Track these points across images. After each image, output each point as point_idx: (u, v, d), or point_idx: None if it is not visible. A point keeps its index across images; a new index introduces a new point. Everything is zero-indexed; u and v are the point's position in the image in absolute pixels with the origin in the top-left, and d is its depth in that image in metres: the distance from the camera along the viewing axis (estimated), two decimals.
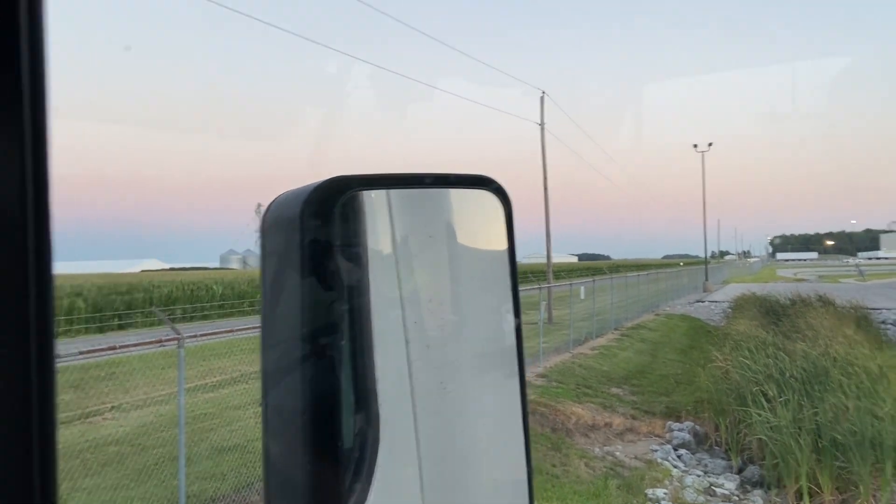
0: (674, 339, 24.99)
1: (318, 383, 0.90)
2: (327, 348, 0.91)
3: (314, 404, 0.89)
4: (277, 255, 0.95)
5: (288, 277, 0.93)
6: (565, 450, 10.72)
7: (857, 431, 9.65)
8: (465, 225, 1.20)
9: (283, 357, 0.92)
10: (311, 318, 0.90)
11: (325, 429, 0.89)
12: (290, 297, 0.92)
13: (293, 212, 0.92)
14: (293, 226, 0.91)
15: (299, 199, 0.92)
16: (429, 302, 1.22)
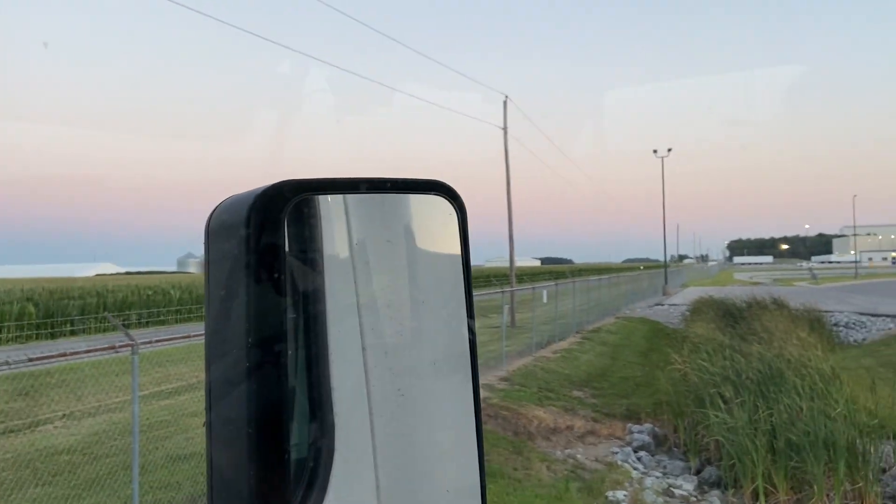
0: (634, 341, 25.33)
1: (265, 393, 0.86)
2: (275, 357, 0.88)
3: (261, 415, 0.85)
4: (222, 262, 0.91)
5: (233, 285, 0.89)
6: (527, 453, 10.76)
7: (810, 432, 9.88)
8: (422, 230, 1.18)
9: (228, 367, 0.88)
10: (257, 327, 0.86)
11: (272, 439, 0.86)
12: (235, 305, 0.88)
13: (238, 217, 0.89)
14: (238, 232, 0.88)
15: (244, 204, 0.89)
16: (386, 308, 1.19)
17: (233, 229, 0.89)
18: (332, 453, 1.05)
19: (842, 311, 33.96)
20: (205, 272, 0.93)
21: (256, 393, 0.85)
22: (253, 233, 0.87)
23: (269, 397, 0.86)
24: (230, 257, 0.89)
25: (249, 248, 0.87)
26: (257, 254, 0.87)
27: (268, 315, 0.87)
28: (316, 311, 1.07)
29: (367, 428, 1.10)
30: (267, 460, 0.85)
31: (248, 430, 0.84)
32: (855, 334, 28.53)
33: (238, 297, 0.87)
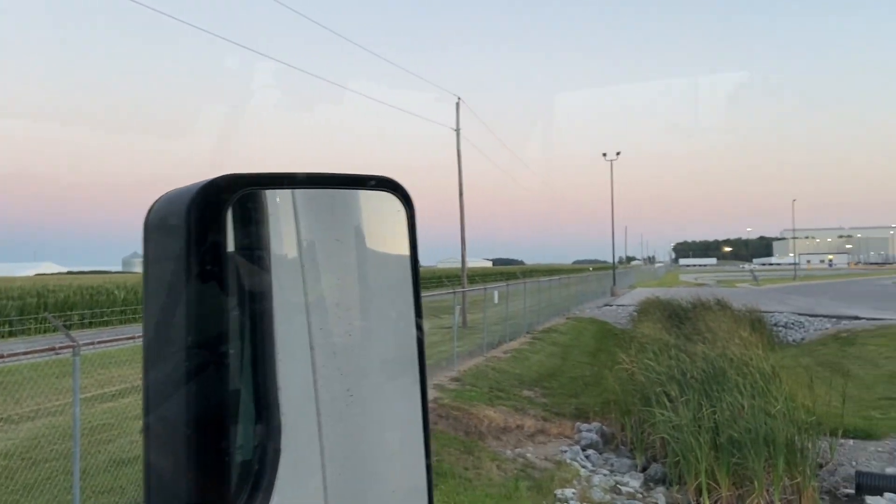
0: (583, 341, 25.70)
1: (206, 395, 0.84)
2: (217, 358, 0.86)
3: (201, 417, 0.83)
4: (161, 260, 0.88)
5: (173, 284, 0.86)
6: (478, 453, 10.81)
7: (751, 429, 10.18)
8: (371, 228, 1.18)
9: (167, 369, 0.86)
10: (198, 327, 0.84)
11: (213, 442, 0.84)
12: (174, 305, 0.86)
13: (178, 213, 0.86)
14: (178, 228, 0.85)
15: (185, 199, 0.86)
16: (336, 307, 1.18)
17: (172, 225, 0.86)
18: (278, 455, 1.03)
19: (781, 312, 35.08)
20: (144, 271, 0.90)
21: (197, 395, 0.83)
22: (193, 229, 0.84)
23: (210, 399, 0.84)
24: (170, 255, 0.86)
25: (190, 245, 0.84)
26: (198, 251, 0.84)
27: (209, 315, 0.85)
28: (262, 309, 1.05)
29: (314, 429, 1.09)
30: (207, 463, 0.83)
31: (187, 432, 0.82)
32: (794, 334, 29.52)
33: (178, 296, 0.85)
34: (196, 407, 0.83)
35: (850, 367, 19.09)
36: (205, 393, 0.83)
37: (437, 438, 10.99)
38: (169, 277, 0.87)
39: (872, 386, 17.20)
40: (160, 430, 0.86)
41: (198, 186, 0.87)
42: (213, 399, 0.84)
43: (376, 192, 1.14)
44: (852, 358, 20.91)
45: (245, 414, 1.04)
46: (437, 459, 9.92)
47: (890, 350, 20.90)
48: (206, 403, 0.83)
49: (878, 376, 18.20)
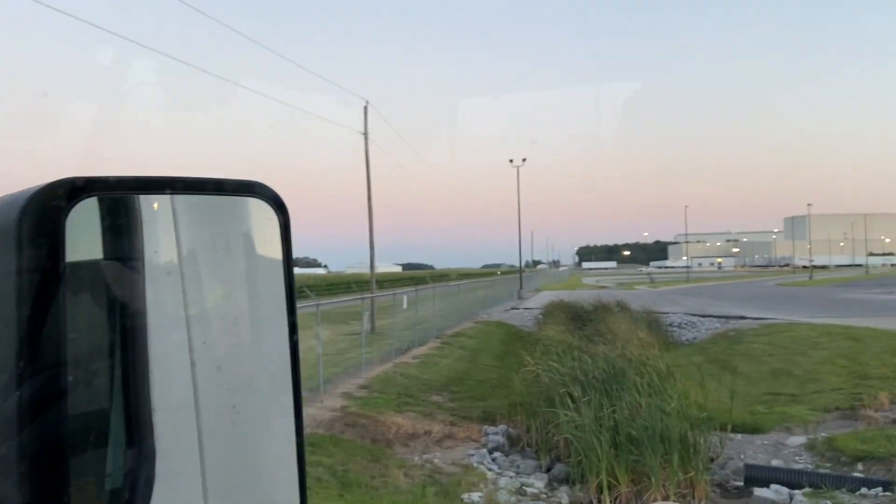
0: (490, 345, 26.07)
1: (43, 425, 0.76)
2: (54, 384, 0.77)
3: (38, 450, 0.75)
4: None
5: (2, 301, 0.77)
6: (385, 460, 10.73)
7: (648, 426, 10.59)
8: (251, 236, 1.12)
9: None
10: (31, 351, 0.75)
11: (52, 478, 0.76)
12: (5, 327, 0.76)
13: (8, 222, 0.76)
14: (7, 240, 0.76)
15: (16, 207, 0.76)
16: (220, 320, 1.12)
17: (2, 234, 0.77)
18: (151, 482, 0.96)
19: (675, 313, 36.83)
20: None
21: (33, 425, 0.74)
22: (26, 240, 0.75)
23: (48, 429, 0.76)
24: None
25: (21, 258, 0.75)
26: (31, 265, 0.75)
27: (44, 335, 0.76)
28: (135, 325, 0.97)
29: (194, 451, 1.02)
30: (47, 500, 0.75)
31: (20, 469, 0.74)
32: (687, 334, 31.03)
33: (8, 316, 0.76)
34: (31, 439, 0.74)
35: (737, 365, 20.27)
36: (42, 424, 0.75)
37: (343, 447, 10.84)
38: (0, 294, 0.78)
39: (758, 382, 18.32)
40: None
41: (32, 191, 0.78)
42: (50, 430, 0.76)
43: (251, 198, 1.08)
44: (740, 355, 22.21)
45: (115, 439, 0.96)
46: (343, 469, 9.77)
47: (773, 348, 22.35)
48: (44, 435, 0.75)
49: (762, 373, 19.40)
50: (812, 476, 10.71)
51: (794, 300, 45.62)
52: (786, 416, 14.48)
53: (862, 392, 15.03)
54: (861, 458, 11.24)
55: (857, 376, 16.83)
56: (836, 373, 17.58)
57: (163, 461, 0.98)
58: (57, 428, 0.77)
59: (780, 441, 13.14)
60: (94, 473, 0.93)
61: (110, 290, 0.95)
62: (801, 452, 12.36)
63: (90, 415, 0.91)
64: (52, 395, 0.77)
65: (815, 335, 22.85)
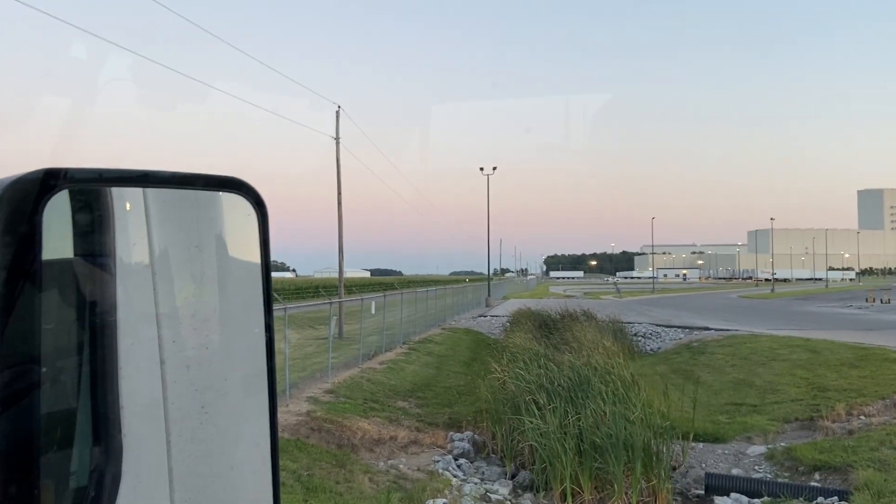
0: (458, 352, 26.08)
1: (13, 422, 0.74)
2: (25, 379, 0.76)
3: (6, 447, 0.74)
4: None
5: None
6: (350, 466, 10.66)
7: (612, 434, 10.69)
8: (226, 232, 1.11)
9: None
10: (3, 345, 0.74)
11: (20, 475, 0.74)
12: None
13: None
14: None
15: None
16: (192, 318, 1.10)
17: None
18: (118, 480, 0.95)
19: (641, 323, 37.25)
20: None
21: (2, 421, 0.73)
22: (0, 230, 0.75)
23: (17, 426, 0.75)
24: None
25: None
26: (4, 255, 0.74)
27: (15, 331, 0.75)
28: (104, 321, 0.96)
29: (162, 450, 1.01)
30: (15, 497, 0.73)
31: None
32: (651, 343, 31.42)
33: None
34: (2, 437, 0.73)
35: (700, 375, 20.56)
36: (11, 420, 0.74)
37: (308, 452, 10.74)
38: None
39: (720, 392, 18.61)
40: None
41: (7, 181, 0.77)
42: (20, 427, 0.75)
43: (228, 194, 1.07)
44: (702, 366, 22.54)
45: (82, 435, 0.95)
46: (308, 474, 9.68)
47: (735, 359, 22.72)
48: (13, 432, 0.74)
49: (724, 383, 19.72)
50: (771, 485, 10.91)
51: (755, 312, 46.50)
52: (746, 425, 14.72)
53: (820, 403, 15.36)
54: (818, 467, 11.48)
55: (815, 387, 17.19)
56: (795, 384, 17.94)
57: (130, 459, 0.97)
58: (26, 424, 0.76)
59: (741, 450, 13.36)
60: (60, 471, 0.92)
61: (80, 287, 0.94)
62: (761, 462, 12.58)
63: (57, 412, 0.89)
64: (21, 392, 0.75)
65: (776, 346, 23.30)
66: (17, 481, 0.75)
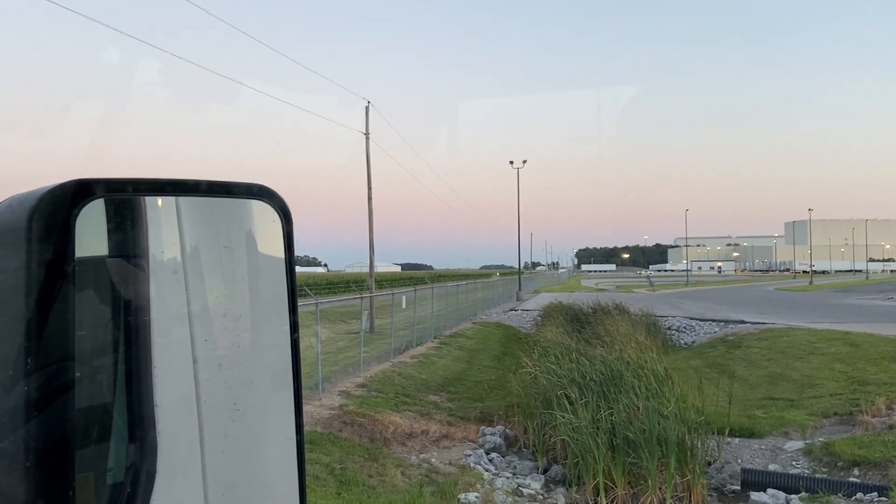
0: (489, 346, 26.08)
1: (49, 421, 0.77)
2: (61, 380, 0.79)
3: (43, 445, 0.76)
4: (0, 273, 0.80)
5: (10, 300, 0.78)
6: (382, 459, 10.74)
7: (645, 429, 10.60)
8: (253, 237, 1.14)
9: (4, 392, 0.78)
10: (39, 347, 0.76)
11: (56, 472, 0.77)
12: (13, 323, 0.77)
13: (18, 221, 0.78)
14: (18, 238, 0.77)
15: (26, 206, 0.78)
16: (222, 317, 1.13)
17: (12, 235, 0.79)
18: (153, 476, 0.97)
19: (674, 316, 36.79)
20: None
21: (39, 419, 0.76)
22: (35, 239, 0.77)
23: (54, 425, 0.77)
24: (8, 268, 0.79)
25: (31, 256, 0.77)
26: (40, 263, 0.77)
27: (52, 334, 0.77)
28: (138, 321, 0.99)
29: (195, 447, 1.04)
30: (50, 494, 0.76)
31: (26, 463, 0.75)
32: (685, 337, 31.03)
33: (16, 313, 0.77)
34: (37, 434, 0.75)
35: (735, 369, 20.26)
36: (47, 419, 0.76)
37: (340, 446, 10.85)
38: (7, 293, 0.79)
39: (756, 386, 18.32)
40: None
41: (42, 192, 0.80)
42: (56, 425, 0.77)
43: (255, 201, 1.10)
44: (738, 360, 22.21)
45: (117, 433, 0.97)
46: (341, 467, 9.78)
47: (772, 353, 22.34)
48: (49, 430, 0.76)
49: (760, 377, 19.40)
50: (808, 481, 10.72)
51: (793, 305, 45.62)
52: (783, 420, 14.48)
53: (860, 397, 15.04)
54: (858, 463, 11.25)
55: (854, 382, 16.83)
56: (834, 378, 17.58)
57: (164, 456, 0.99)
58: (62, 422, 0.79)
59: (778, 445, 13.15)
60: (97, 467, 0.94)
61: (115, 288, 0.96)
62: (799, 457, 12.37)
63: (93, 409, 0.92)
64: (57, 390, 0.78)
65: (814, 340, 22.84)
66: (55, 477, 0.77)
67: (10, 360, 0.77)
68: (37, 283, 0.77)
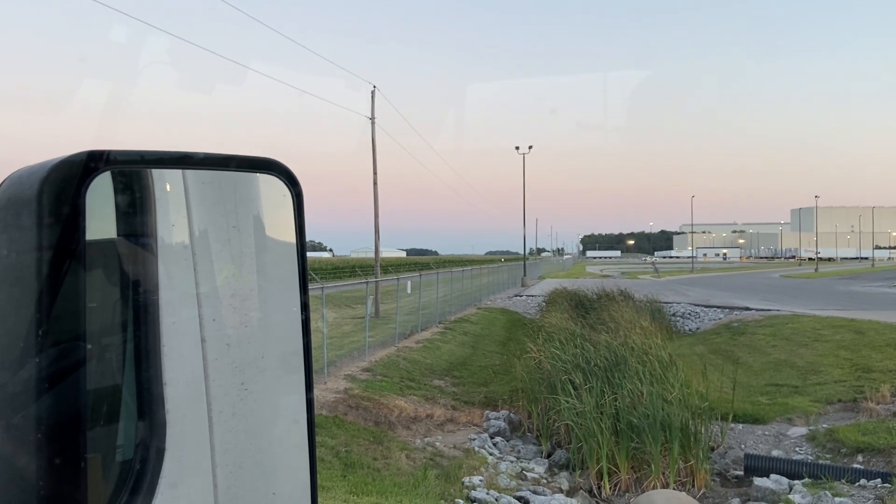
0: (493, 331, 26.12)
1: (60, 395, 0.77)
2: (72, 354, 0.78)
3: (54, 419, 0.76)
4: (9, 246, 0.80)
5: (22, 274, 0.77)
6: (387, 442, 10.80)
7: (649, 415, 10.63)
8: (263, 213, 1.13)
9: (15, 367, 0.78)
10: (51, 322, 0.75)
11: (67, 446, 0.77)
12: (24, 297, 0.76)
13: (28, 192, 0.77)
14: (29, 211, 0.77)
15: (37, 178, 0.77)
16: (231, 297, 1.13)
17: (22, 207, 0.78)
18: (162, 453, 0.97)
19: (679, 303, 36.75)
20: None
21: (50, 396, 0.76)
22: (46, 212, 0.76)
23: (65, 400, 0.77)
24: (19, 241, 0.78)
25: (42, 229, 0.76)
26: (52, 236, 0.76)
27: (63, 307, 0.77)
28: (147, 300, 0.98)
29: (204, 425, 1.04)
30: (62, 470, 0.76)
31: (38, 436, 0.75)
32: (690, 324, 31.00)
33: (27, 285, 0.76)
34: (48, 408, 0.75)
35: (740, 355, 20.27)
36: (58, 393, 0.76)
37: (346, 429, 10.91)
38: (18, 266, 0.78)
39: (760, 373, 18.32)
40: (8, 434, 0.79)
41: (53, 162, 0.79)
42: (67, 399, 0.77)
43: (263, 175, 1.09)
44: (742, 346, 22.20)
45: (127, 411, 0.98)
46: (346, 450, 9.84)
47: (776, 339, 22.31)
48: (60, 404, 0.76)
49: (765, 364, 19.40)
50: (812, 467, 10.74)
51: (798, 292, 45.49)
52: (787, 406, 14.50)
53: (864, 384, 15.03)
54: (861, 449, 11.26)
55: (859, 369, 16.82)
56: (838, 365, 17.57)
57: (173, 434, 0.99)
58: (74, 399, 0.79)
59: (782, 432, 13.18)
60: (106, 444, 0.95)
61: (123, 266, 0.96)
62: (802, 443, 12.39)
63: (103, 388, 0.92)
64: (68, 368, 0.78)
65: (819, 327, 22.80)
66: (66, 454, 0.77)
67: (22, 333, 0.77)
68: (49, 258, 0.77)
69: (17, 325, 0.78)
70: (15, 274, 0.79)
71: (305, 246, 1.12)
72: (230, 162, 1.04)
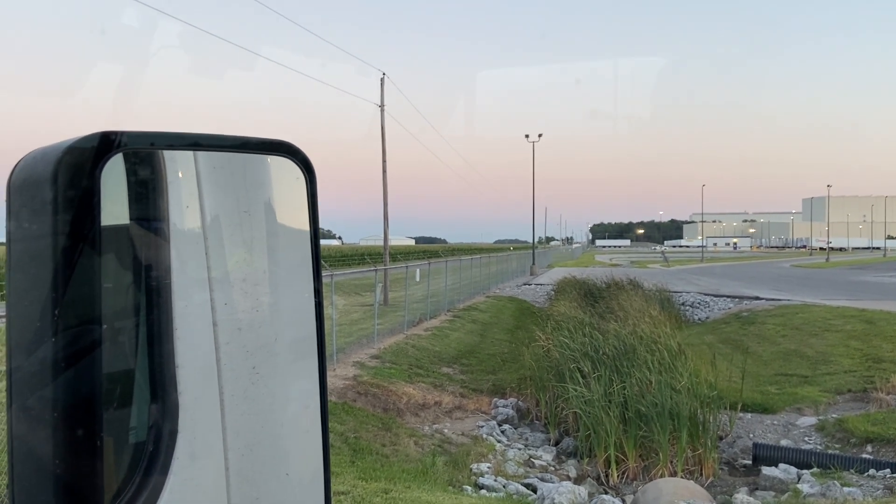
0: (502, 319, 26.14)
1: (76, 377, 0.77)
2: (87, 336, 0.79)
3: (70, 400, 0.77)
4: (26, 228, 0.80)
5: (39, 256, 0.77)
6: (395, 429, 10.86)
7: (658, 403, 10.64)
8: (275, 196, 1.13)
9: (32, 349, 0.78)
10: (68, 303, 0.76)
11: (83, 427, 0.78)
12: (41, 279, 0.77)
13: (44, 173, 0.77)
14: (44, 191, 0.77)
15: (52, 158, 0.77)
16: (242, 282, 1.13)
17: (38, 188, 0.78)
18: (174, 435, 0.98)
19: (689, 292, 36.62)
20: (6, 240, 0.82)
21: (66, 377, 0.76)
22: (62, 193, 0.76)
23: (80, 381, 0.77)
24: (35, 222, 0.78)
25: (58, 210, 0.76)
26: (67, 217, 0.76)
27: (78, 288, 0.77)
28: (159, 284, 0.99)
29: (216, 408, 1.05)
30: (77, 450, 0.77)
31: (53, 416, 0.76)
32: (699, 313, 30.91)
33: (45, 269, 0.77)
34: (64, 390, 0.76)
35: (749, 345, 20.21)
36: (74, 375, 0.77)
37: (355, 416, 10.97)
38: (34, 248, 0.79)
39: (770, 362, 18.27)
40: (25, 415, 0.79)
41: (67, 144, 0.79)
42: (83, 381, 0.78)
43: (276, 157, 1.08)
44: (752, 336, 22.13)
45: (140, 393, 0.98)
46: (355, 436, 9.90)
47: (786, 329, 22.23)
48: (76, 386, 0.77)
49: (774, 353, 19.34)
50: (821, 456, 10.72)
51: (808, 281, 45.25)
52: (797, 396, 14.46)
53: (874, 374, 14.97)
54: (871, 439, 11.23)
55: (869, 359, 16.75)
56: (848, 355, 17.50)
57: (186, 416, 1.00)
58: (89, 380, 0.79)
59: (791, 421, 13.15)
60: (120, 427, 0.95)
61: (136, 250, 0.96)
62: (811, 433, 12.37)
63: (117, 371, 0.92)
64: (85, 349, 0.78)
65: (829, 317, 22.70)
66: (81, 434, 0.78)
67: (38, 314, 0.77)
68: (64, 236, 0.77)
69: (32, 307, 0.78)
70: (30, 254, 0.79)
71: (319, 230, 1.12)
72: (243, 144, 1.04)
